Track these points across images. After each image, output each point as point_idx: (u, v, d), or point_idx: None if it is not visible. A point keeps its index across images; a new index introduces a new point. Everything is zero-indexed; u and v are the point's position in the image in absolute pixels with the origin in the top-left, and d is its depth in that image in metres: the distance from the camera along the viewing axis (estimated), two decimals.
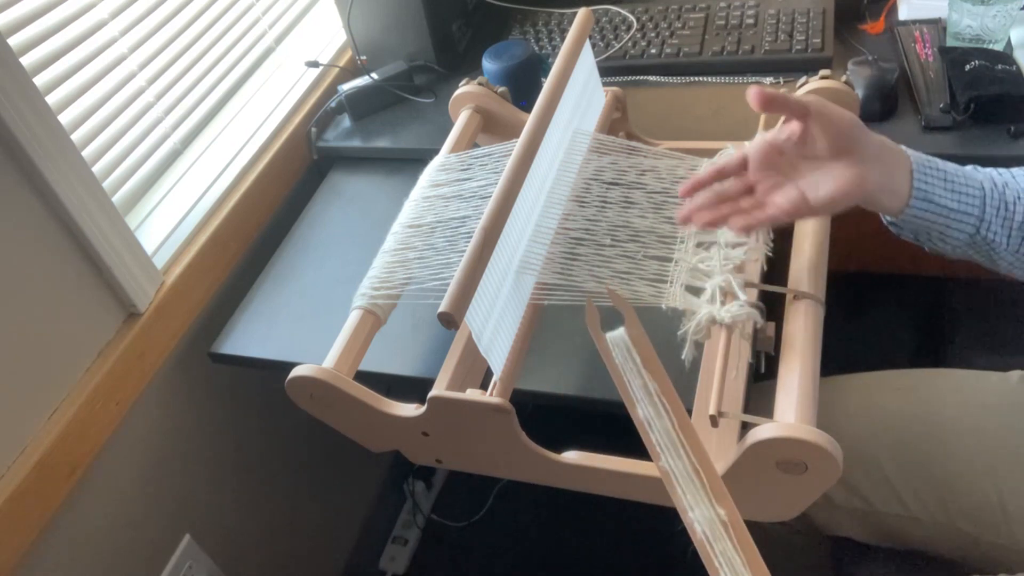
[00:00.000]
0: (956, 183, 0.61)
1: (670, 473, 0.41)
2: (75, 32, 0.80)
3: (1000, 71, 0.85)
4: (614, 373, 0.43)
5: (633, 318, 0.43)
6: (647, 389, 0.42)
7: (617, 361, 0.43)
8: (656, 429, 0.42)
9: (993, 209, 0.61)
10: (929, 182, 0.60)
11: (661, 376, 0.42)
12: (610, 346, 0.43)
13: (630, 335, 0.43)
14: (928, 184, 0.60)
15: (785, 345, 0.60)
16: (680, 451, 0.41)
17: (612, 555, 1.36)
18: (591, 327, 0.43)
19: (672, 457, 0.41)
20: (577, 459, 0.63)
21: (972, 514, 0.74)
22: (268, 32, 1.11)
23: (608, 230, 0.69)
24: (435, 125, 1.05)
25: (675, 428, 0.41)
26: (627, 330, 0.43)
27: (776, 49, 1.00)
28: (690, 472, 0.41)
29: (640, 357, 0.42)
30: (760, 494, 0.57)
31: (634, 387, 0.42)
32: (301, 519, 1.19)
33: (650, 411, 0.42)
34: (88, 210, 0.74)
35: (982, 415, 0.78)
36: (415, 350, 0.80)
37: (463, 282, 0.56)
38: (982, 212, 0.61)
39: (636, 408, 0.42)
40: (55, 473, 0.73)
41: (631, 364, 0.43)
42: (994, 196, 0.61)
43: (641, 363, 0.42)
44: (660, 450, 0.42)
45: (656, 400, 0.42)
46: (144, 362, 0.82)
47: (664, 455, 0.41)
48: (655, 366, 0.42)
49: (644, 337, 0.43)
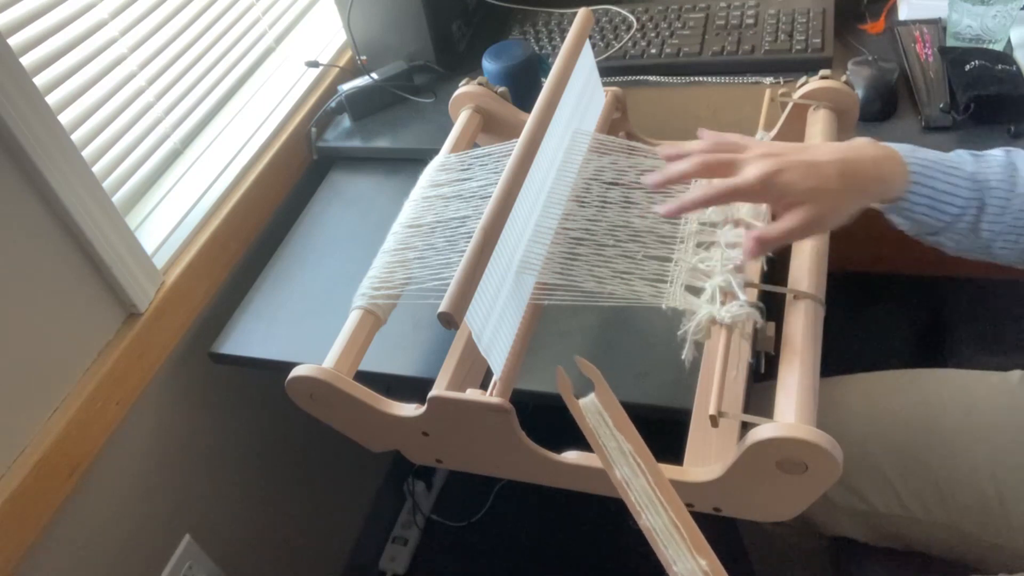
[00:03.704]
0: (937, 199, 0.61)
1: (652, 530, 0.42)
2: (75, 32, 0.80)
3: (1000, 71, 0.85)
4: (589, 437, 0.44)
5: (602, 383, 0.44)
6: (621, 450, 0.44)
7: (591, 425, 0.44)
8: (634, 488, 0.43)
9: (963, 226, 0.62)
10: (918, 200, 0.61)
11: (633, 436, 0.44)
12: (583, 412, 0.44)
13: (600, 400, 0.44)
14: (914, 204, 0.61)
15: (785, 345, 0.60)
16: (659, 508, 0.43)
17: (612, 555, 1.36)
18: (564, 395, 0.45)
19: (652, 514, 0.43)
20: (577, 459, 0.63)
21: (972, 514, 0.74)
22: (268, 32, 1.11)
23: (608, 230, 0.69)
24: (435, 125, 1.05)
25: (651, 486, 0.43)
26: (597, 395, 0.44)
27: (776, 49, 1.00)
28: (670, 527, 0.42)
29: (612, 420, 0.44)
30: (760, 494, 0.57)
31: (609, 449, 0.44)
32: (301, 519, 1.19)
33: (627, 471, 0.43)
34: (88, 210, 0.74)
35: (983, 415, 0.78)
36: (415, 350, 0.80)
37: (463, 282, 0.56)
38: (946, 227, 0.62)
39: (614, 470, 0.44)
40: (55, 473, 0.73)
41: (604, 428, 0.44)
42: (970, 214, 0.62)
43: (613, 425, 0.44)
44: (640, 508, 0.43)
45: (631, 460, 0.43)
46: (144, 362, 0.82)
47: (645, 513, 0.43)
48: (627, 427, 0.44)
49: (614, 400, 0.44)
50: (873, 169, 0.60)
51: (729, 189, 0.60)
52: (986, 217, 0.61)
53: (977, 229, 0.62)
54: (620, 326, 0.77)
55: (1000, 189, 0.61)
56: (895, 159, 0.61)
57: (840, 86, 0.76)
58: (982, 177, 0.62)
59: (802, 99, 0.77)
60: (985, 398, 0.79)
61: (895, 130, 0.87)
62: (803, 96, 0.77)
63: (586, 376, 0.44)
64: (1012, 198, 0.61)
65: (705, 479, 0.58)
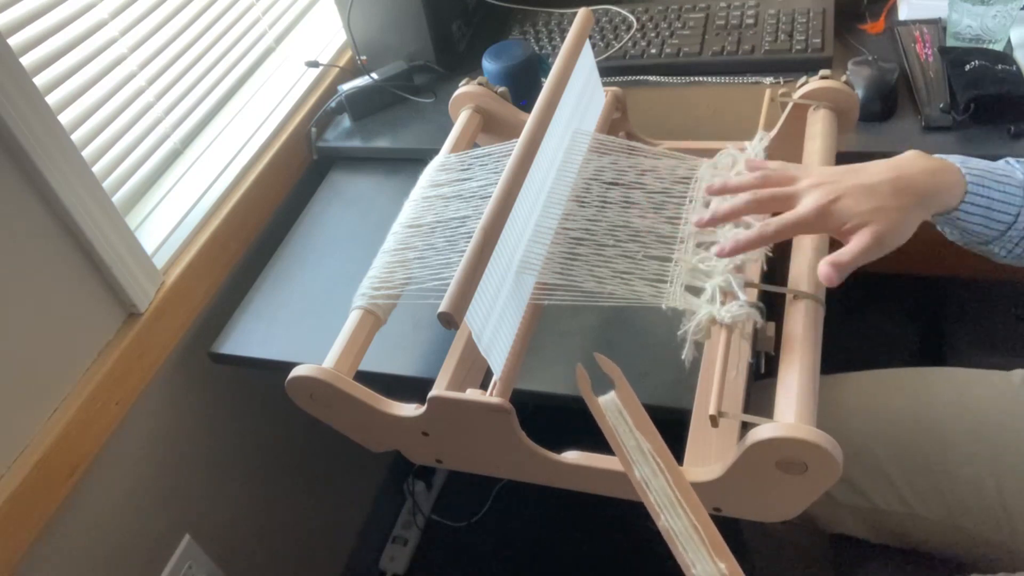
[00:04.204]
0: (993, 210, 0.61)
1: (671, 532, 0.42)
2: (75, 32, 0.80)
3: (1000, 71, 0.85)
4: (609, 436, 0.43)
5: (622, 381, 0.44)
6: (641, 449, 0.43)
7: (610, 423, 0.43)
8: (653, 489, 0.43)
9: (1015, 234, 0.62)
10: (971, 211, 0.61)
11: (653, 435, 0.43)
12: (603, 409, 0.43)
13: (620, 397, 0.43)
14: (967, 215, 0.61)
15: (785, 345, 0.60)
16: (678, 509, 0.42)
17: (612, 555, 1.36)
18: (584, 392, 0.44)
19: (671, 516, 0.42)
20: (577, 459, 0.63)
21: (973, 512, 0.74)
22: (268, 32, 1.11)
23: (608, 230, 0.69)
24: (435, 125, 1.05)
25: (671, 486, 0.42)
26: (617, 393, 0.44)
27: (776, 49, 1.00)
28: (690, 530, 0.41)
29: (631, 418, 0.43)
30: (760, 494, 0.57)
31: (628, 448, 0.43)
32: (301, 519, 1.19)
33: (646, 471, 0.43)
34: (88, 210, 0.74)
35: (984, 414, 0.78)
36: (415, 350, 0.80)
37: (463, 282, 0.56)
38: (999, 236, 0.62)
39: (633, 470, 0.43)
40: (55, 473, 0.73)
41: (624, 426, 0.43)
42: (1022, 224, 0.62)
43: (633, 424, 0.43)
44: (659, 509, 0.42)
45: (651, 459, 0.43)
46: (144, 362, 0.82)
47: (664, 514, 0.42)
48: (647, 426, 0.43)
49: (634, 398, 0.43)
50: (930, 181, 0.60)
51: (789, 225, 0.59)
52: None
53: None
54: (620, 326, 0.77)
55: None
56: (950, 170, 0.61)
57: (840, 86, 0.76)
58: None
59: (802, 99, 0.77)
60: (986, 397, 0.79)
61: (895, 130, 0.87)
62: (803, 96, 0.77)
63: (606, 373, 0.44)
64: None
65: (705, 479, 0.58)
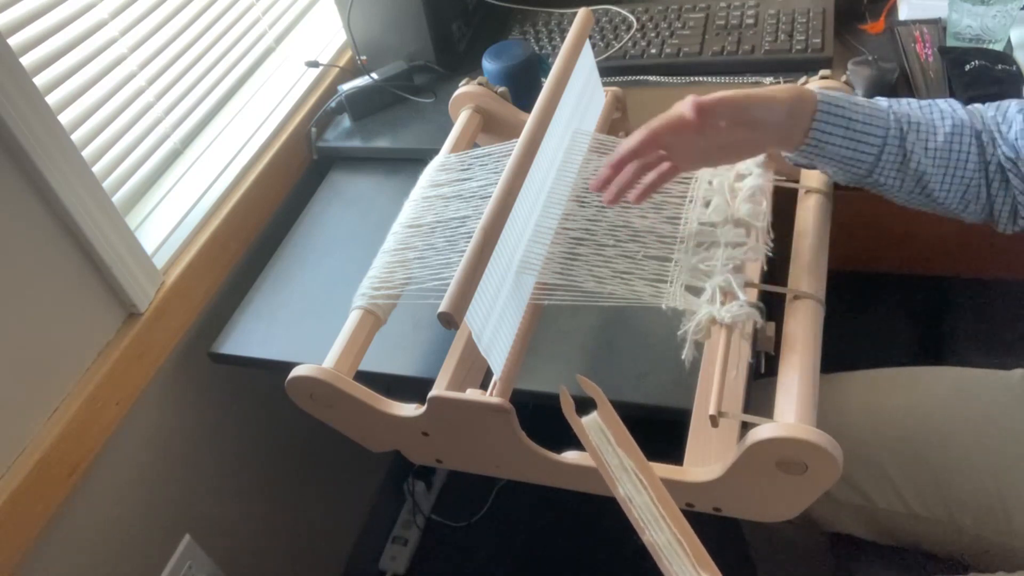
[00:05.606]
0: (856, 131, 0.62)
1: (655, 546, 0.43)
2: (75, 32, 0.80)
3: (1000, 71, 0.85)
4: (593, 455, 0.45)
5: (604, 401, 0.45)
6: (624, 467, 0.44)
7: (594, 443, 0.44)
8: (637, 505, 0.44)
9: (890, 157, 0.63)
10: (827, 129, 0.62)
11: (635, 453, 0.44)
12: (586, 430, 0.45)
13: (602, 417, 0.45)
14: (824, 133, 0.62)
15: (785, 345, 0.60)
16: (661, 524, 0.43)
17: (612, 555, 1.36)
18: (567, 414, 0.45)
19: (655, 530, 0.43)
20: (577, 459, 0.63)
21: (973, 511, 0.74)
22: (268, 32, 1.11)
23: (608, 230, 0.69)
24: (435, 125, 1.05)
25: (654, 502, 0.43)
26: (599, 413, 0.45)
27: (776, 49, 1.00)
28: (673, 543, 0.43)
29: (614, 437, 0.44)
30: (760, 494, 0.58)
31: (612, 466, 0.44)
32: (301, 519, 1.19)
33: (629, 488, 0.44)
34: (88, 210, 0.74)
35: (984, 413, 0.78)
36: (415, 350, 0.80)
37: (463, 282, 0.56)
38: (876, 161, 0.63)
39: (617, 487, 0.44)
40: (55, 473, 0.73)
41: (606, 445, 0.45)
42: (893, 146, 0.62)
43: (616, 443, 0.44)
44: (643, 525, 0.43)
45: (633, 477, 0.44)
46: (144, 362, 0.82)
47: (648, 529, 0.43)
48: (628, 444, 0.44)
49: (616, 418, 0.45)
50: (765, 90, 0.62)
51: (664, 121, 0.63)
52: (912, 147, 0.62)
53: (906, 163, 0.62)
54: (620, 326, 0.77)
55: (920, 122, 0.63)
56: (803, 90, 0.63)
57: (840, 86, 0.76)
58: (900, 111, 0.63)
59: None
60: (986, 396, 0.79)
61: None
62: None
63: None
64: (934, 130, 0.62)
65: (705, 479, 0.58)
